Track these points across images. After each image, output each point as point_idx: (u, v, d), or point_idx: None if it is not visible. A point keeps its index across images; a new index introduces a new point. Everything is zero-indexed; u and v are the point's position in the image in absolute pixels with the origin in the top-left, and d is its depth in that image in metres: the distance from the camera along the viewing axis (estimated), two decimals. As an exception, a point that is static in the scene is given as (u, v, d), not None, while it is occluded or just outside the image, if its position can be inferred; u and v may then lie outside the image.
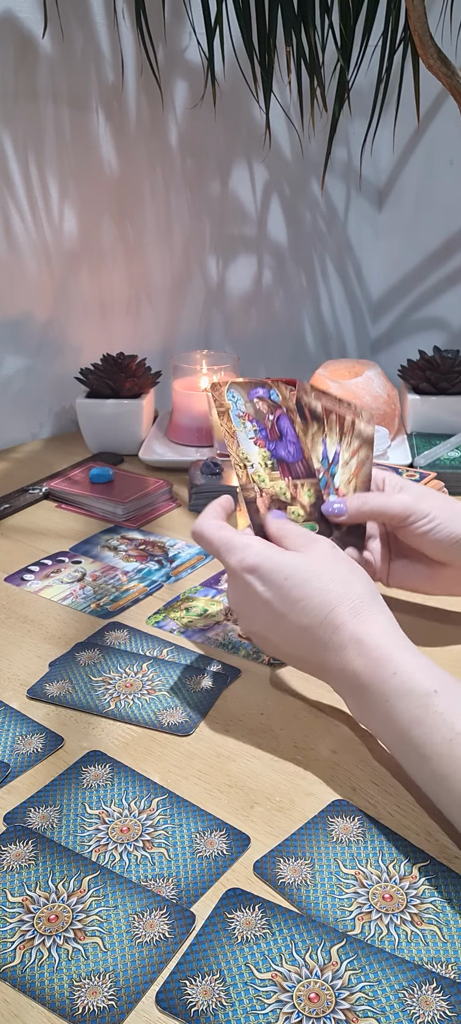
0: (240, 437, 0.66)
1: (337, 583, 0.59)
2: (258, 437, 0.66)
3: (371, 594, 0.60)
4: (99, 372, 1.23)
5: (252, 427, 0.66)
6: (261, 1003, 0.44)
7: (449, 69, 1.00)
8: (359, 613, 0.58)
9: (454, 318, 1.67)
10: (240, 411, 0.66)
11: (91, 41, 1.26)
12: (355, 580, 0.60)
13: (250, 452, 0.66)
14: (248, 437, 0.66)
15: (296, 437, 0.68)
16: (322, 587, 0.59)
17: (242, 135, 1.49)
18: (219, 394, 0.66)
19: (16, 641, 0.76)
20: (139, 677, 0.70)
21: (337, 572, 0.60)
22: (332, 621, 0.58)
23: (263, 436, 0.66)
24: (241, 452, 0.65)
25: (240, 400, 0.66)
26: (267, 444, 0.66)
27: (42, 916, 0.49)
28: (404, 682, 0.54)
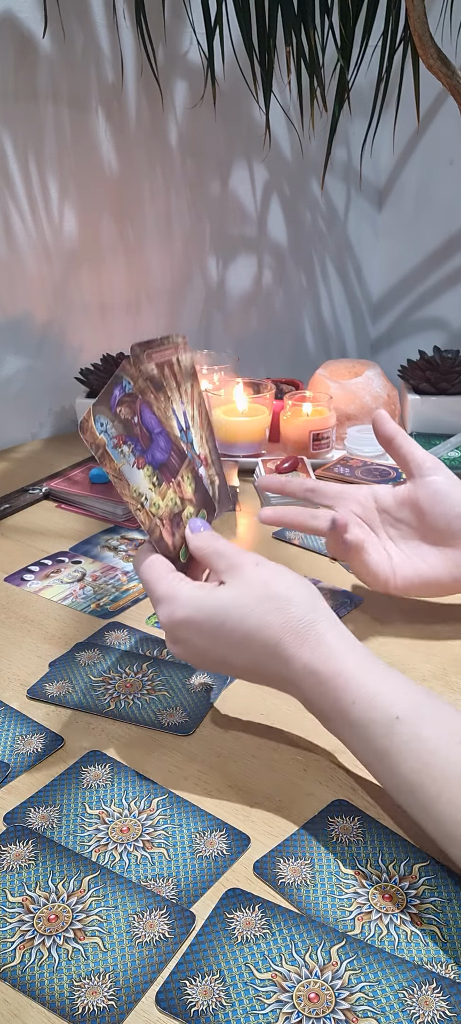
0: (126, 473, 0.60)
1: (276, 611, 0.56)
2: (137, 456, 0.61)
3: (312, 608, 0.56)
4: (99, 372, 1.23)
5: (128, 449, 0.60)
6: (261, 1003, 0.44)
7: (449, 69, 1.00)
8: (306, 639, 0.55)
9: (454, 318, 1.67)
10: (113, 439, 0.60)
11: (91, 41, 1.26)
12: (292, 599, 0.56)
13: (138, 483, 0.61)
14: (131, 465, 0.60)
15: (159, 423, 0.62)
16: (261, 620, 0.56)
17: (242, 135, 1.50)
18: (90, 433, 0.60)
19: (16, 641, 0.76)
20: (139, 677, 0.70)
21: (272, 597, 0.56)
22: (281, 655, 0.56)
23: (139, 451, 0.61)
24: (133, 491, 0.60)
25: (108, 423, 0.60)
26: (145, 457, 0.61)
27: (42, 916, 0.49)
28: (365, 711, 0.52)
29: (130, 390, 0.61)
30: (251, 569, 0.58)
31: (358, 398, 1.21)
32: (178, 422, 0.65)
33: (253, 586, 0.57)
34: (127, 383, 0.61)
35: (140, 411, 0.61)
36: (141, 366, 0.62)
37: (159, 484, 0.62)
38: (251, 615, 0.56)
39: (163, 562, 0.60)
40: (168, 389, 0.64)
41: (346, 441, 1.18)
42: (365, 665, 0.54)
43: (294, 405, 1.18)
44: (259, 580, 0.57)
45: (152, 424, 0.62)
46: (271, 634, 0.55)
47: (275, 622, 0.55)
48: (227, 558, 0.59)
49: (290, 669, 0.55)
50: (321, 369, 1.28)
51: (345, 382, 1.23)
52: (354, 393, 1.21)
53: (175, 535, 0.62)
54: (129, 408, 0.61)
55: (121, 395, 0.61)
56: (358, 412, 1.21)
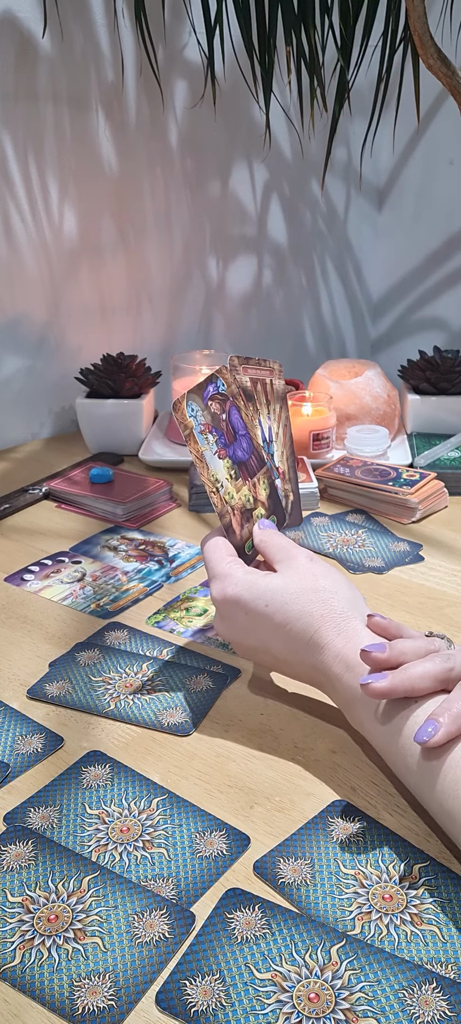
0: (207, 457, 0.66)
1: (317, 602, 0.60)
2: (219, 447, 0.67)
3: (352, 604, 0.60)
4: (99, 372, 1.23)
5: (213, 438, 0.67)
6: (261, 1003, 0.44)
7: (449, 69, 1.00)
8: (342, 630, 0.59)
9: (454, 318, 1.67)
10: (201, 425, 0.66)
11: (91, 41, 1.26)
12: (335, 594, 0.60)
13: (217, 470, 0.67)
14: (212, 453, 0.67)
15: (245, 427, 0.69)
16: (303, 609, 0.60)
17: (242, 135, 1.49)
18: (181, 413, 0.66)
19: (16, 641, 0.76)
20: (139, 677, 0.70)
21: (317, 589, 0.61)
22: (317, 642, 0.59)
23: (223, 443, 0.67)
24: (211, 475, 0.66)
25: (198, 411, 0.67)
26: (227, 451, 0.67)
27: (42, 916, 0.49)
28: None
29: (223, 390, 0.68)
30: (303, 562, 0.63)
31: (358, 398, 1.21)
32: (262, 432, 0.72)
33: (301, 577, 0.61)
34: (221, 384, 0.68)
35: (229, 411, 0.68)
36: (236, 375, 0.70)
37: (236, 478, 0.67)
38: (295, 602, 0.60)
39: (226, 544, 0.65)
40: (258, 403, 0.72)
41: (346, 441, 1.17)
42: None
43: (294, 405, 1.18)
44: (308, 572, 0.62)
45: (238, 425, 0.69)
46: (310, 622, 0.59)
47: (316, 612, 0.60)
48: (284, 550, 0.64)
49: (323, 657, 0.59)
50: (321, 369, 1.28)
51: (345, 382, 1.23)
52: (354, 393, 1.21)
53: (243, 527, 0.68)
54: (219, 405, 0.68)
55: (214, 392, 0.68)
56: (358, 412, 1.21)
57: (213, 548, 0.65)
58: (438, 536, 0.96)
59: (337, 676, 0.58)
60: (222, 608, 0.63)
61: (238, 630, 0.64)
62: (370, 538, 0.95)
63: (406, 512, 1.00)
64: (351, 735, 0.63)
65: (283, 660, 0.63)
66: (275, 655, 0.63)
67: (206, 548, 0.66)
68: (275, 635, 0.61)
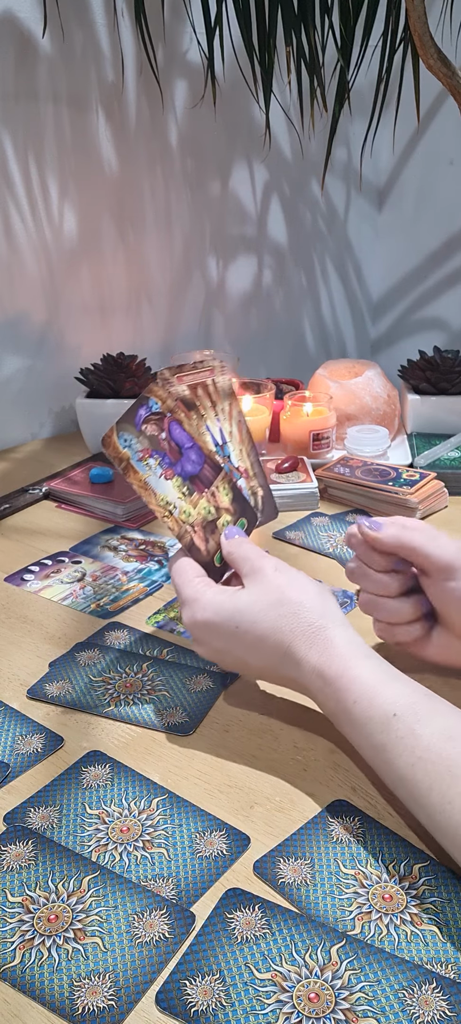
0: (152, 483, 0.64)
1: (286, 616, 0.59)
2: (164, 468, 0.64)
3: (321, 613, 0.59)
4: (99, 372, 1.23)
5: (155, 462, 0.64)
6: (261, 1003, 0.44)
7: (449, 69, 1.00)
8: (315, 642, 0.57)
9: (454, 318, 1.67)
10: (138, 452, 0.64)
11: (91, 41, 1.26)
12: (304, 604, 0.59)
13: (166, 492, 0.64)
14: (157, 476, 0.64)
15: (191, 438, 0.66)
16: (273, 626, 0.59)
17: (242, 135, 1.49)
18: (112, 448, 0.64)
19: (16, 641, 0.76)
20: (139, 677, 0.70)
21: (283, 602, 0.59)
22: (291, 657, 0.58)
23: (167, 463, 0.64)
24: (160, 499, 0.64)
25: (132, 439, 0.64)
26: (174, 469, 0.65)
27: (42, 916, 0.49)
28: (365, 709, 0.54)
29: (157, 409, 0.65)
30: (269, 574, 0.61)
31: (358, 398, 1.21)
32: (213, 438, 0.69)
33: (268, 591, 0.60)
34: (153, 403, 0.65)
35: (169, 428, 0.65)
36: (170, 388, 0.66)
37: (190, 493, 0.65)
38: (264, 620, 0.59)
39: (192, 566, 0.64)
40: (201, 408, 0.68)
41: (346, 441, 1.18)
42: (368, 667, 0.56)
43: (294, 405, 1.18)
44: (275, 585, 0.60)
45: (182, 439, 0.65)
46: (282, 638, 0.58)
47: (286, 626, 0.58)
48: (250, 562, 0.62)
49: (300, 671, 0.58)
50: (321, 369, 1.28)
51: (345, 382, 1.23)
52: (354, 393, 1.21)
53: (209, 541, 0.65)
54: (156, 425, 0.65)
55: (147, 414, 0.65)
56: (358, 412, 1.21)
57: (179, 572, 0.63)
58: (438, 536, 0.96)
59: (317, 690, 0.58)
60: (195, 633, 0.62)
61: (215, 651, 0.62)
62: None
63: (406, 512, 1.00)
64: (351, 735, 0.63)
65: (266, 673, 0.62)
66: (257, 669, 0.62)
67: (173, 572, 0.64)
68: (250, 653, 0.60)
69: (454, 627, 0.65)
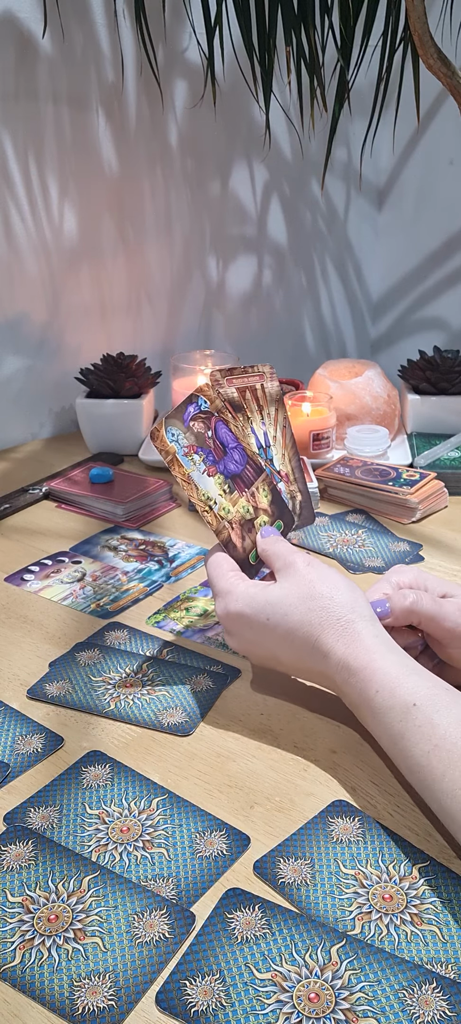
0: (195, 478, 0.66)
1: (316, 610, 0.60)
2: (208, 465, 0.66)
3: (351, 608, 0.60)
4: (99, 372, 1.23)
5: (199, 458, 0.66)
6: (261, 1003, 0.44)
7: (449, 69, 1.00)
8: (343, 635, 0.59)
9: (454, 318, 1.67)
10: (184, 448, 0.66)
11: (91, 41, 1.26)
12: (334, 598, 0.60)
13: (208, 488, 0.66)
14: (201, 472, 0.66)
15: (235, 439, 0.68)
16: (303, 619, 0.60)
17: (242, 135, 1.49)
18: (160, 440, 0.66)
19: (16, 641, 0.76)
20: (139, 677, 0.70)
21: (314, 596, 0.61)
22: (320, 648, 0.60)
23: (211, 461, 0.67)
24: (201, 494, 0.66)
25: (180, 434, 0.66)
26: (217, 467, 0.67)
27: (42, 916, 0.49)
28: (386, 699, 0.55)
29: (205, 407, 0.67)
30: (301, 568, 0.63)
31: (358, 398, 1.21)
32: (257, 440, 0.71)
33: (299, 585, 0.61)
34: (203, 402, 0.68)
35: (215, 427, 0.67)
36: (220, 389, 0.69)
37: (230, 492, 0.67)
38: (294, 613, 0.61)
39: (227, 560, 0.66)
40: (248, 411, 0.71)
41: (346, 441, 1.18)
42: (391, 659, 0.57)
43: (294, 405, 1.18)
44: (306, 579, 0.62)
45: (227, 439, 0.68)
46: (311, 631, 0.60)
47: (315, 620, 0.60)
48: (283, 558, 0.64)
49: (327, 663, 0.60)
50: (321, 369, 1.28)
51: (345, 382, 1.23)
52: (354, 393, 1.21)
53: (245, 539, 0.67)
54: (203, 424, 0.67)
55: (196, 412, 0.67)
56: (358, 412, 1.21)
57: (215, 565, 0.66)
58: (438, 536, 0.96)
59: (342, 682, 0.59)
60: (227, 624, 0.64)
61: (246, 643, 0.64)
62: (370, 538, 0.95)
63: (406, 512, 1.00)
64: (351, 735, 0.63)
65: (293, 666, 0.64)
66: (284, 662, 0.64)
67: (208, 565, 0.66)
68: (280, 645, 0.62)
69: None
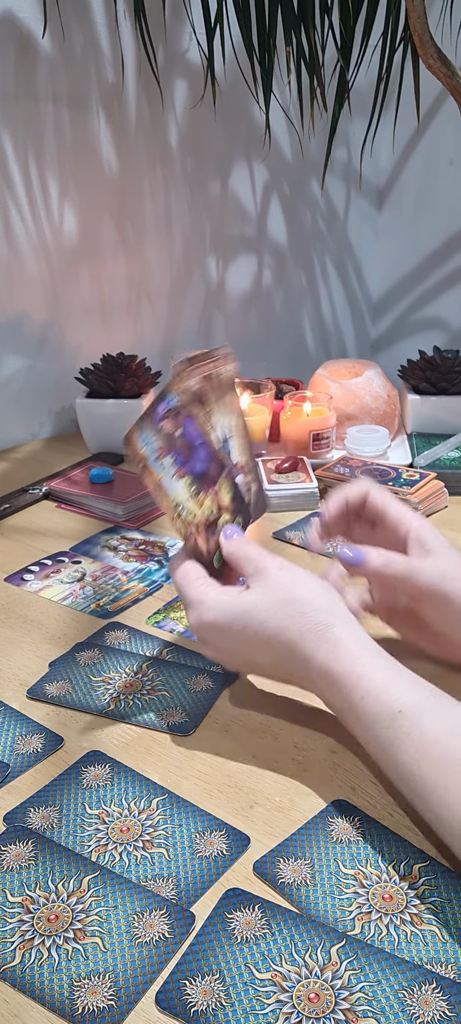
0: (165, 484, 0.63)
1: (294, 616, 0.58)
2: (177, 467, 0.64)
3: (329, 611, 0.58)
4: (99, 372, 1.23)
5: (169, 460, 0.63)
6: (261, 1003, 0.44)
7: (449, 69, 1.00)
8: (322, 640, 0.57)
9: (454, 318, 1.67)
10: (156, 451, 0.63)
11: (91, 41, 1.26)
12: (311, 602, 0.59)
13: (177, 493, 0.64)
14: (170, 477, 0.64)
15: (201, 435, 0.65)
16: (281, 625, 0.59)
17: (242, 135, 1.49)
18: (132, 447, 0.63)
19: (16, 641, 0.76)
20: (139, 677, 0.70)
21: (290, 601, 0.59)
22: (300, 655, 0.58)
23: (180, 462, 0.64)
24: (171, 502, 0.64)
25: (151, 437, 0.63)
26: (185, 468, 0.64)
27: (42, 916, 0.49)
28: (372, 706, 0.54)
29: (174, 404, 0.64)
30: (274, 573, 0.61)
31: (358, 398, 1.21)
32: (218, 434, 0.67)
33: (274, 590, 0.60)
34: (172, 398, 0.64)
35: (183, 424, 0.64)
36: (183, 382, 0.64)
37: (197, 493, 0.64)
38: (272, 619, 0.59)
39: (195, 568, 0.63)
40: (208, 404, 0.66)
41: (346, 441, 1.17)
42: (375, 663, 0.56)
43: (294, 405, 1.18)
44: (280, 584, 0.60)
45: (193, 436, 0.64)
46: (290, 637, 0.58)
47: (294, 626, 0.58)
48: (254, 562, 0.62)
49: (308, 668, 0.58)
50: (321, 369, 1.28)
51: (345, 382, 1.23)
52: (354, 393, 1.21)
53: (210, 541, 0.65)
54: (172, 422, 0.64)
55: (165, 410, 0.63)
56: (358, 412, 1.21)
57: (183, 575, 0.63)
58: (438, 536, 0.96)
59: (324, 688, 0.58)
60: (201, 634, 0.62)
61: (222, 652, 0.63)
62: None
63: (406, 512, 1.00)
64: (351, 735, 0.63)
65: (273, 673, 0.62)
66: (264, 668, 0.62)
67: (176, 576, 0.64)
68: (258, 652, 0.60)
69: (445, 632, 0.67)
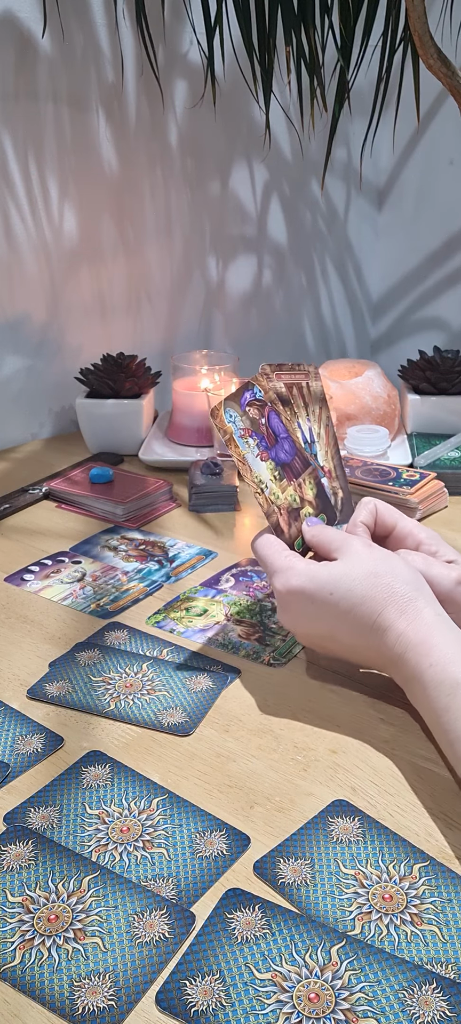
0: (250, 460, 0.68)
1: (381, 586, 0.61)
2: (261, 450, 0.69)
3: (414, 586, 0.61)
4: (99, 372, 1.23)
5: (254, 442, 0.69)
6: (261, 1003, 0.44)
7: (449, 69, 1.00)
8: (405, 611, 0.60)
9: (454, 318, 1.67)
10: (240, 430, 0.69)
11: (91, 41, 1.26)
12: (397, 575, 0.62)
13: (261, 472, 0.69)
14: (254, 456, 0.69)
15: (286, 430, 0.71)
16: (366, 593, 0.61)
17: (242, 135, 1.49)
18: (219, 419, 0.68)
19: (16, 641, 0.76)
20: (139, 677, 0.70)
21: (378, 573, 0.62)
22: (381, 624, 0.61)
23: (264, 447, 0.69)
24: (255, 477, 0.68)
25: (237, 416, 0.69)
26: (269, 453, 0.69)
27: (42, 916, 0.49)
28: (438, 673, 0.57)
29: (260, 396, 0.70)
30: (361, 548, 0.64)
31: (358, 398, 1.21)
32: (303, 435, 0.73)
33: (362, 563, 0.63)
34: (258, 390, 0.71)
35: (268, 415, 0.70)
36: (270, 382, 0.72)
37: (280, 479, 0.69)
38: (358, 587, 0.62)
39: (278, 540, 0.67)
40: (295, 406, 0.73)
41: (346, 441, 1.17)
42: (451, 638, 0.58)
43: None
44: (369, 558, 0.63)
45: (279, 429, 0.71)
46: (375, 606, 0.61)
47: (379, 595, 0.61)
48: (339, 540, 0.65)
49: (386, 639, 0.60)
50: (321, 369, 1.28)
51: (345, 382, 1.23)
52: (354, 393, 1.21)
53: (291, 526, 0.69)
54: (258, 410, 0.70)
55: (251, 398, 0.70)
56: (358, 412, 1.21)
57: (268, 544, 0.67)
58: (438, 536, 0.96)
59: (398, 655, 0.60)
60: (287, 599, 0.65)
61: (303, 619, 0.65)
62: None
63: (406, 512, 1.00)
64: (351, 735, 0.63)
65: (348, 645, 0.64)
66: (340, 640, 0.64)
67: (260, 545, 0.67)
68: (340, 621, 0.63)
69: None
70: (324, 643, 0.66)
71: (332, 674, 0.70)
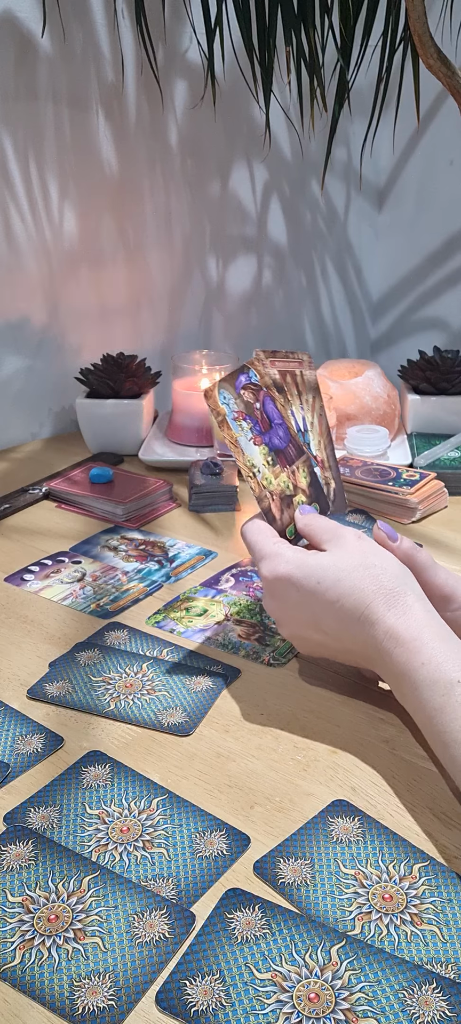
0: (242, 443, 0.68)
1: (369, 578, 0.61)
2: (254, 434, 0.68)
3: (403, 580, 0.61)
4: (99, 372, 1.23)
5: (247, 425, 0.68)
6: (261, 1003, 0.44)
7: (449, 69, 1.00)
8: (393, 605, 0.59)
9: (454, 318, 1.67)
10: (234, 412, 0.68)
11: (91, 41, 1.26)
12: (386, 569, 0.61)
13: (253, 456, 0.68)
14: (247, 439, 0.68)
15: (281, 416, 0.70)
16: (355, 585, 0.61)
17: (242, 135, 1.49)
18: (213, 400, 0.68)
19: (16, 641, 0.76)
20: (139, 677, 0.70)
21: (367, 566, 0.61)
22: (368, 617, 0.60)
23: (258, 431, 0.69)
24: (247, 460, 0.68)
25: (231, 399, 0.68)
26: (262, 438, 0.69)
27: (42, 916, 0.49)
28: (431, 672, 0.56)
29: (256, 380, 0.70)
30: (352, 539, 0.64)
31: (358, 398, 1.21)
32: (296, 423, 0.72)
33: (351, 554, 0.62)
34: (253, 375, 0.70)
35: (263, 400, 0.70)
36: (265, 368, 0.71)
37: (273, 464, 0.69)
38: (346, 579, 0.61)
39: (268, 527, 0.67)
40: (288, 394, 0.72)
41: (346, 441, 1.17)
42: (441, 634, 0.58)
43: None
44: (358, 549, 0.62)
45: (274, 415, 0.70)
46: (362, 598, 0.60)
47: (368, 587, 0.60)
48: (331, 531, 0.65)
49: (374, 633, 0.60)
50: (321, 369, 1.28)
51: (345, 382, 1.23)
52: (354, 393, 1.21)
53: (284, 513, 0.69)
54: (252, 394, 0.69)
55: (246, 381, 0.69)
56: (358, 412, 1.21)
57: (257, 530, 0.66)
58: (438, 536, 0.96)
59: (387, 651, 0.59)
60: (273, 586, 0.64)
61: (289, 608, 0.64)
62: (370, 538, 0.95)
63: (406, 512, 1.00)
64: (351, 735, 0.63)
65: (333, 637, 0.63)
66: (325, 631, 0.63)
67: (248, 530, 0.67)
68: (326, 612, 0.62)
69: None
70: (309, 634, 0.65)
71: (332, 674, 0.70)
